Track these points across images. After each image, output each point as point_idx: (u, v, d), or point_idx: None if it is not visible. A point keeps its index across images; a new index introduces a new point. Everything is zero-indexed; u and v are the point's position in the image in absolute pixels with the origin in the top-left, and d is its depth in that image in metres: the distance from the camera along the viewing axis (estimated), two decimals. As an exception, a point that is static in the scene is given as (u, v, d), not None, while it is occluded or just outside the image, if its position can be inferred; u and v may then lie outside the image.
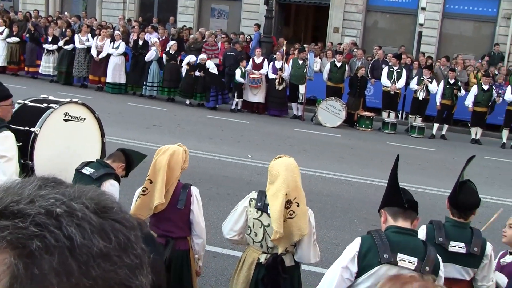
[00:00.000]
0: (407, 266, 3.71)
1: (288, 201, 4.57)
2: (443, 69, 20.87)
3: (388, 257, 3.71)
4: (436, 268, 3.80)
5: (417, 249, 3.80)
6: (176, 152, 4.99)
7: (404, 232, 3.84)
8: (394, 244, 3.76)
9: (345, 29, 27.24)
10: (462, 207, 4.60)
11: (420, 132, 18.49)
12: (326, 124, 18.14)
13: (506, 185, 13.54)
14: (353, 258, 3.81)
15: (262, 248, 4.76)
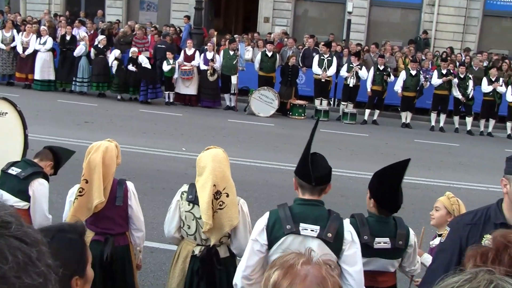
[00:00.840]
0: (309, 234, 3.89)
1: (217, 192, 4.57)
2: (373, 55, 21.27)
3: (291, 228, 3.89)
4: (339, 235, 3.92)
5: (320, 217, 3.94)
6: (109, 148, 4.91)
7: (308, 203, 3.99)
8: (297, 215, 3.94)
9: (275, 19, 27.42)
10: (395, 209, 4.55)
11: (352, 118, 18.80)
12: (259, 113, 18.23)
13: (435, 166, 13.93)
14: (262, 230, 3.99)
15: (196, 241, 4.75)
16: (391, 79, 18.92)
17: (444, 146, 16.63)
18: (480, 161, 14.72)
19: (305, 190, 4.03)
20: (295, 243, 3.92)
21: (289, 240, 3.93)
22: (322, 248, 3.92)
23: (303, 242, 3.91)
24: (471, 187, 12.14)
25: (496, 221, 3.49)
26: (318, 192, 4.02)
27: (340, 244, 3.94)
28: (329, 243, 3.90)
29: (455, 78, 18.74)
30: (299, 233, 3.92)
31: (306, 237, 3.92)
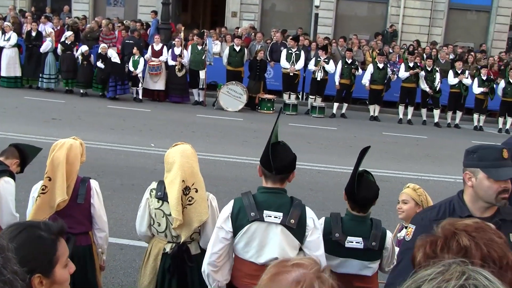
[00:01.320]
0: (273, 221, 4.03)
1: (186, 188, 4.57)
2: (341, 49, 21.37)
3: (255, 215, 4.03)
4: (302, 222, 4.05)
5: (283, 205, 4.07)
6: (73, 145, 4.84)
7: (271, 191, 4.12)
8: (261, 203, 4.07)
9: (243, 13, 27.38)
10: (362, 202, 4.48)
11: (321, 112, 18.87)
12: (228, 108, 18.20)
13: (404, 159, 14.07)
14: (226, 218, 4.13)
15: (167, 238, 4.73)
16: (359, 72, 19.04)
17: (412, 139, 16.80)
18: (447, 152, 14.89)
19: (267, 178, 4.14)
20: (260, 230, 4.07)
21: (254, 227, 4.06)
22: (286, 235, 4.05)
23: (267, 229, 4.06)
24: (439, 179, 12.29)
25: (462, 214, 3.52)
26: (280, 181, 4.13)
27: (303, 230, 4.07)
28: (292, 229, 4.03)
29: (422, 71, 18.93)
30: (263, 220, 4.04)
31: (269, 224, 4.05)
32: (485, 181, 3.49)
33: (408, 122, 19.26)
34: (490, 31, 28.08)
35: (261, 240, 4.09)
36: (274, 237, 4.08)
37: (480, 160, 3.52)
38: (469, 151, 3.61)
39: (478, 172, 3.52)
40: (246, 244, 4.12)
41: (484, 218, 3.51)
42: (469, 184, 3.57)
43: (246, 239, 4.11)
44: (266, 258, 4.08)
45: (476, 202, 3.58)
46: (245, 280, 4.23)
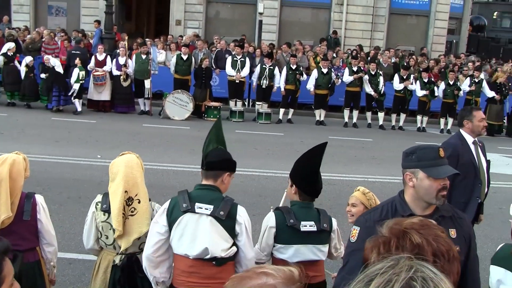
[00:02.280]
0: (203, 212, 4.27)
1: (129, 198, 4.62)
2: (285, 55, 21.55)
3: (187, 206, 4.27)
4: (232, 215, 4.31)
5: (215, 199, 4.32)
6: (16, 161, 4.72)
7: (204, 187, 4.40)
8: (194, 197, 4.33)
9: (187, 21, 27.34)
10: (316, 193, 4.80)
11: (267, 118, 18.98)
12: (174, 117, 18.13)
13: (350, 162, 14.27)
14: (162, 213, 4.36)
15: (116, 250, 4.72)
16: (304, 78, 19.24)
17: (357, 142, 17.07)
18: (392, 154, 15.09)
19: (202, 176, 4.47)
20: (191, 221, 4.27)
21: (186, 218, 4.27)
22: (216, 226, 4.26)
23: (198, 220, 4.27)
24: (385, 180, 12.52)
25: (404, 213, 3.62)
26: (212, 178, 4.40)
27: (233, 222, 4.31)
28: (221, 220, 4.26)
29: (366, 75, 19.26)
30: (194, 211, 4.27)
31: (200, 215, 4.27)
32: (425, 180, 3.61)
33: (353, 126, 19.56)
34: (429, 35, 28.80)
35: (193, 231, 4.26)
36: (204, 228, 4.26)
37: (419, 161, 3.64)
38: (408, 153, 3.73)
39: (418, 172, 3.64)
40: (180, 237, 4.28)
41: (425, 215, 3.62)
42: (410, 184, 3.68)
43: (180, 232, 4.28)
44: (198, 250, 4.24)
45: (417, 201, 3.69)
46: (181, 278, 4.35)
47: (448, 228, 3.64)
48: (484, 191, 6.97)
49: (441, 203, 3.65)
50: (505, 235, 5.90)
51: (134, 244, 4.70)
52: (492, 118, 19.93)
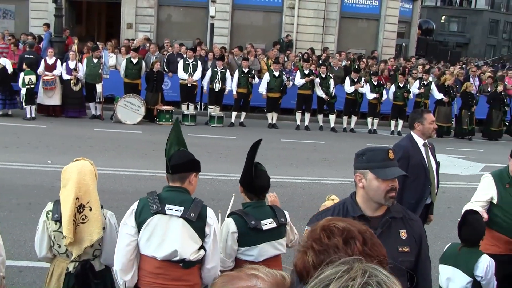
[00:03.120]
0: (174, 214, 4.29)
1: (80, 205, 4.57)
2: (237, 58, 21.58)
3: (157, 207, 4.28)
4: (202, 217, 4.35)
5: (185, 201, 4.36)
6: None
7: (173, 189, 4.43)
8: (164, 198, 4.35)
9: (138, 25, 27.12)
10: (260, 190, 4.87)
11: (220, 122, 18.98)
12: (126, 121, 17.96)
13: (302, 164, 14.37)
14: (130, 214, 4.35)
15: (70, 258, 4.67)
16: (256, 81, 19.31)
17: (309, 144, 17.20)
18: (344, 156, 15.27)
19: (169, 179, 4.50)
20: (161, 223, 4.28)
21: (156, 219, 4.28)
22: (186, 228, 4.29)
23: (169, 222, 4.29)
24: (337, 182, 12.65)
25: (354, 214, 3.68)
26: (178, 180, 4.44)
27: (203, 224, 4.34)
28: (192, 222, 4.28)
29: (317, 78, 19.43)
30: (165, 212, 4.28)
31: (171, 216, 4.29)
32: (374, 182, 3.66)
33: (305, 128, 19.70)
34: (380, 38, 29.21)
35: (162, 233, 4.26)
36: (175, 230, 4.27)
37: (369, 162, 3.70)
38: (358, 154, 3.79)
39: (367, 174, 3.70)
40: (149, 238, 4.28)
41: (375, 217, 3.71)
42: (360, 185, 3.74)
43: (149, 233, 4.27)
44: (167, 252, 4.25)
45: (367, 202, 3.74)
46: (147, 279, 4.35)
47: (398, 229, 3.73)
48: (435, 192, 7.12)
49: (389, 204, 3.71)
50: (454, 234, 6.04)
51: (87, 252, 4.65)
52: (440, 120, 20.32)
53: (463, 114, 20.88)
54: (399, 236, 3.71)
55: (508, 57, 48.75)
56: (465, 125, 20.87)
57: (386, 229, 3.71)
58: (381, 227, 3.68)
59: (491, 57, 51.66)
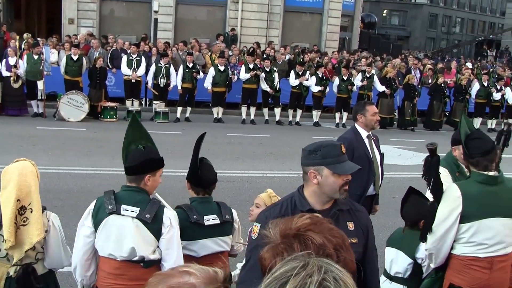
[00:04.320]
0: (129, 215, 4.23)
1: (22, 207, 4.43)
2: (181, 53, 21.46)
3: (112, 207, 4.22)
4: (158, 218, 4.27)
5: (141, 202, 4.29)
6: None
7: (130, 189, 4.36)
8: (120, 198, 4.29)
9: (80, 20, 26.72)
10: (206, 184, 4.84)
11: (165, 117, 18.85)
12: (69, 119, 17.65)
13: (249, 158, 14.40)
14: (87, 215, 4.31)
15: (10, 262, 4.54)
16: (200, 76, 19.24)
17: (255, 138, 17.25)
18: (290, 149, 15.39)
19: (127, 178, 4.41)
20: (117, 223, 4.23)
21: (111, 219, 4.23)
22: (141, 229, 4.23)
23: (124, 223, 4.23)
24: (284, 175, 12.73)
25: (303, 208, 3.68)
26: (134, 181, 4.36)
27: (159, 226, 4.27)
28: (147, 223, 4.22)
29: (262, 72, 19.48)
30: (120, 213, 4.22)
31: (126, 217, 4.23)
32: (330, 177, 3.67)
33: (251, 122, 19.75)
34: (323, 32, 29.53)
35: (118, 233, 4.21)
36: (130, 231, 4.21)
37: (324, 158, 3.70)
38: (311, 151, 3.76)
39: (323, 170, 3.68)
40: (105, 239, 4.24)
41: (323, 210, 3.72)
42: (314, 181, 3.71)
43: (105, 233, 4.23)
44: (125, 252, 4.21)
45: (318, 197, 3.75)
46: (107, 280, 4.30)
47: (346, 221, 3.76)
48: (379, 183, 7.23)
49: (344, 197, 3.75)
50: (398, 223, 6.16)
51: (29, 255, 4.52)
52: (383, 111, 20.66)
53: (406, 106, 21.28)
54: (347, 228, 3.73)
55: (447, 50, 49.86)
56: (408, 116, 21.29)
57: (334, 222, 3.73)
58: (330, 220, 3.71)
59: (431, 49, 52.77)
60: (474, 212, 4.58)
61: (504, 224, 4.62)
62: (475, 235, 4.61)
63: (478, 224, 4.59)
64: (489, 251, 4.62)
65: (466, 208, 4.58)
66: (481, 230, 4.59)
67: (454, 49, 49.86)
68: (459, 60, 35.85)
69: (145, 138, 4.54)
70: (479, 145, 4.67)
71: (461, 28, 66.25)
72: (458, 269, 4.72)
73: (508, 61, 43.39)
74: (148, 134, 4.58)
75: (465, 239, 4.65)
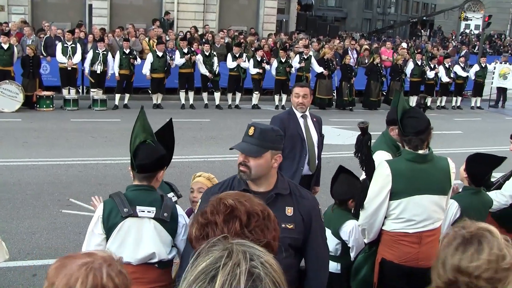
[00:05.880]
0: (147, 215, 4.08)
1: None
2: (118, 39, 21.16)
3: (128, 210, 4.04)
4: (174, 216, 4.16)
5: (155, 201, 4.14)
6: None
7: (140, 188, 4.16)
8: (133, 199, 4.09)
9: (11, 7, 25.97)
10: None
11: (103, 105, 18.56)
12: (4, 109, 17.17)
13: (189, 143, 14.31)
14: (96, 221, 4.08)
15: None
16: (138, 62, 19.01)
17: (195, 123, 17.19)
18: (230, 133, 15.43)
19: (135, 177, 4.20)
20: (134, 226, 4.06)
21: (128, 223, 4.05)
22: (159, 230, 4.10)
23: (141, 225, 4.08)
24: (225, 159, 12.73)
25: (239, 188, 3.76)
26: (145, 179, 4.17)
27: (175, 224, 4.17)
28: (165, 222, 4.09)
29: (198, 56, 19.39)
30: (137, 215, 4.06)
31: (143, 219, 4.08)
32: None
33: (190, 107, 19.66)
34: (260, 15, 29.54)
35: (136, 237, 4.06)
36: (148, 232, 4.08)
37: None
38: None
39: None
40: (121, 244, 4.04)
41: (261, 192, 3.77)
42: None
43: (121, 238, 4.05)
44: (143, 255, 4.08)
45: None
46: None
47: (285, 206, 3.80)
48: (314, 163, 7.30)
49: (239, 177, 3.81)
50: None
51: None
52: (322, 92, 20.93)
53: (343, 86, 21.54)
54: (284, 212, 3.77)
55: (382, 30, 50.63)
56: (345, 96, 21.56)
57: (269, 205, 3.78)
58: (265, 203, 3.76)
59: (368, 30, 53.49)
60: (403, 189, 4.71)
61: (432, 201, 4.77)
62: (404, 211, 4.75)
63: (407, 201, 4.72)
64: (417, 227, 4.77)
65: (396, 185, 4.70)
66: (410, 207, 4.73)
67: (389, 30, 50.60)
68: (395, 40, 36.47)
69: (149, 134, 4.26)
70: (414, 124, 4.78)
71: (396, 9, 67.22)
72: (389, 244, 4.86)
73: (441, 41, 44.35)
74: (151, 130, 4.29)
75: (395, 215, 4.79)
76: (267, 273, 1.62)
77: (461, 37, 50.33)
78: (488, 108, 24.85)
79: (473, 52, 37.63)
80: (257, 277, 1.60)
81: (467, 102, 24.80)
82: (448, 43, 40.29)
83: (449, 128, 18.36)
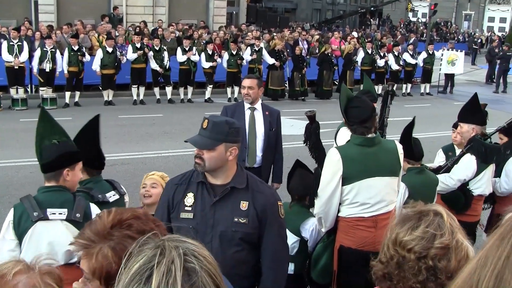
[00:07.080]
0: (58, 218, 3.95)
1: None
2: (66, 36, 20.81)
3: (38, 214, 3.89)
4: (87, 216, 4.00)
5: (66, 201, 4.01)
6: None
7: (51, 190, 4.04)
8: (43, 202, 3.96)
9: (-50, 4, 25.31)
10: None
11: (53, 103, 18.21)
12: (-50, 111, 16.80)
13: (142, 139, 14.26)
14: (7, 226, 3.92)
15: None
16: (87, 58, 18.72)
17: (148, 118, 17.05)
18: (183, 127, 15.36)
19: (45, 177, 4.09)
20: (45, 229, 3.92)
21: (39, 227, 3.91)
22: (72, 231, 3.94)
23: (53, 228, 3.94)
24: (179, 153, 12.71)
25: (196, 180, 3.86)
26: (53, 179, 4.05)
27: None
28: (78, 223, 3.94)
29: (150, 51, 19.24)
30: (48, 218, 3.93)
31: (55, 221, 3.95)
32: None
33: (140, 103, 19.49)
34: (210, 7, 29.44)
35: (50, 240, 3.94)
36: (61, 235, 3.93)
37: None
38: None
39: None
40: (36, 249, 3.82)
41: (217, 185, 3.85)
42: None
43: (34, 243, 3.90)
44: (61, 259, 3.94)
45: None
46: None
47: (240, 200, 3.83)
48: (253, 157, 7.18)
49: (195, 168, 3.84)
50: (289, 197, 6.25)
51: None
52: (274, 83, 21.01)
53: (295, 77, 21.67)
54: (238, 206, 3.80)
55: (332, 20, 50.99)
56: (297, 86, 21.69)
57: (224, 198, 3.81)
58: (219, 196, 3.81)
59: (317, 21, 53.79)
60: (354, 174, 4.77)
61: (383, 183, 4.84)
62: (358, 195, 4.81)
63: (359, 185, 4.78)
64: (372, 210, 4.83)
65: (346, 170, 4.75)
66: (363, 190, 4.79)
67: (339, 20, 51.01)
68: (345, 30, 36.77)
69: (59, 133, 4.20)
70: (357, 114, 4.85)
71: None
72: (346, 230, 4.92)
73: (390, 29, 44.94)
74: (61, 127, 4.25)
75: (348, 200, 4.84)
76: (202, 266, 1.62)
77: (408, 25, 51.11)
78: (437, 94, 25.33)
79: (421, 39, 38.26)
80: (193, 271, 1.60)
81: (417, 89, 25.24)
82: (396, 31, 40.86)
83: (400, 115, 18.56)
